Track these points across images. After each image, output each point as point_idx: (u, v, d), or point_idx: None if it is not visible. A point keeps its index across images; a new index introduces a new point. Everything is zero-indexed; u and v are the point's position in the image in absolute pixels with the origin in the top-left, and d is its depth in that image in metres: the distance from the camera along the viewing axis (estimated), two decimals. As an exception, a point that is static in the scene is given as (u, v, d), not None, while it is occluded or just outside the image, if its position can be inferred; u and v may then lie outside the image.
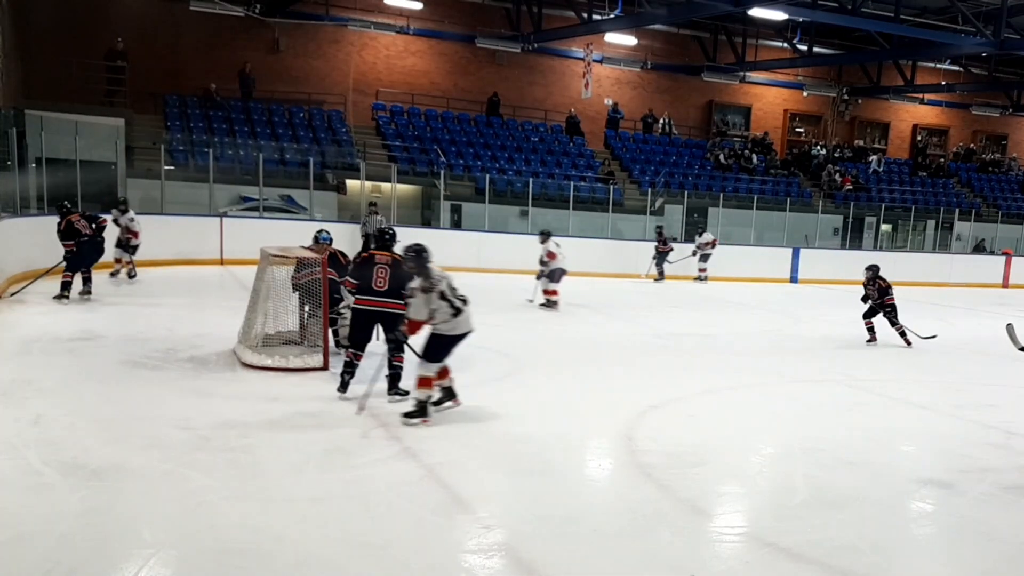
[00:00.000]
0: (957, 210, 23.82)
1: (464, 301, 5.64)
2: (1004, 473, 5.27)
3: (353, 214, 18.00)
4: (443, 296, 5.52)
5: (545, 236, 12.25)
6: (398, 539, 3.79)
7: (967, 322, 13.93)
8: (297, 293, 7.36)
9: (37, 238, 11.91)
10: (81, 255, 9.91)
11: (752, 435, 5.93)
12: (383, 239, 6.33)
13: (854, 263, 20.57)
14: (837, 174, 25.02)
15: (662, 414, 6.32)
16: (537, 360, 8.11)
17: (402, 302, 5.85)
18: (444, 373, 5.83)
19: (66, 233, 9.79)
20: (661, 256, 17.42)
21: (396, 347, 6.09)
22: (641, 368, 8.17)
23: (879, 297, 10.24)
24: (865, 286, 10.40)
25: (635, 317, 11.99)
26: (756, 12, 17.87)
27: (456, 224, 19.03)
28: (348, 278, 6.32)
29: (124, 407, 5.61)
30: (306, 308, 7.41)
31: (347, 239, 14.69)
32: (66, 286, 9.71)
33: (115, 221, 11.61)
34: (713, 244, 17.89)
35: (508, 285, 14.89)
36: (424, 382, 5.61)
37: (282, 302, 7.44)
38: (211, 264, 14.62)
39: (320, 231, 8.24)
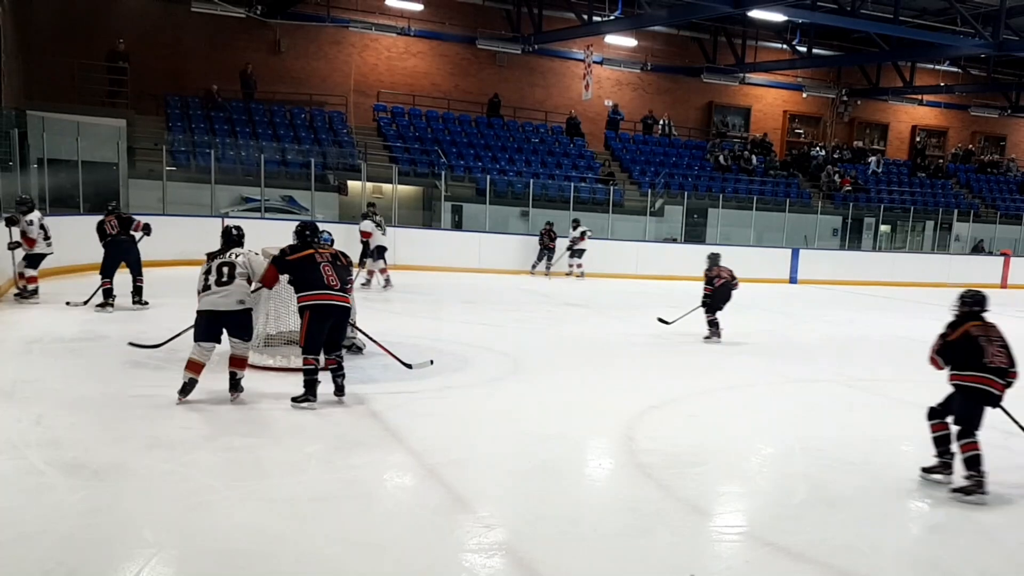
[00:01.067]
0: (956, 211, 23.85)
1: (220, 283, 5.69)
2: (1004, 473, 5.27)
3: (353, 214, 18.02)
4: (204, 271, 5.77)
5: (363, 215, 13.23)
6: (398, 539, 3.80)
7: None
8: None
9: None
10: (108, 256, 9.74)
11: (752, 435, 5.94)
12: (306, 236, 6.08)
13: (853, 264, 20.78)
14: (836, 175, 25.03)
15: (662, 414, 6.33)
16: (537, 360, 8.12)
17: (348, 296, 5.93)
18: (236, 362, 5.85)
19: (99, 235, 9.77)
20: (549, 252, 17.06)
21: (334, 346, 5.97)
22: (641, 368, 8.18)
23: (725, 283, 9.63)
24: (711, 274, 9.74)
25: (635, 317, 12.00)
26: (756, 14, 17.92)
27: (457, 225, 19.06)
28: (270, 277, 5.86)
29: (125, 407, 5.62)
30: None
31: (350, 240, 14.68)
32: (107, 293, 9.51)
33: (8, 223, 9.87)
34: (583, 238, 17.15)
35: (508, 285, 14.93)
36: (188, 364, 5.70)
37: (284, 302, 7.44)
38: (212, 265, 14.63)
39: (321, 232, 8.24)
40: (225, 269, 5.75)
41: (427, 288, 12.95)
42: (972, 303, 5.07)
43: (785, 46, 23.74)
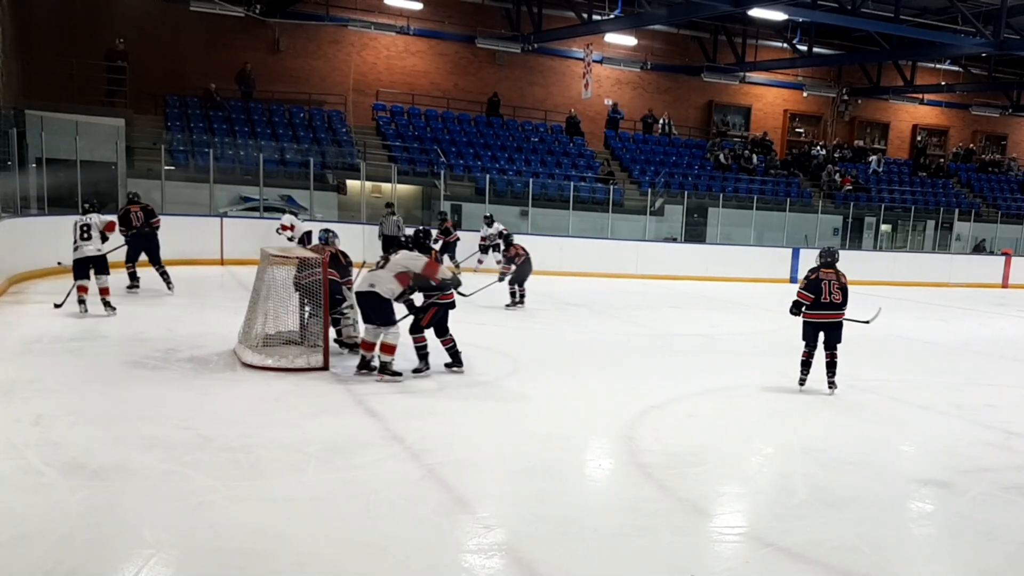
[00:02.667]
0: (957, 210, 23.83)
1: (372, 270, 6.93)
2: (1003, 473, 5.28)
3: (353, 214, 18.01)
4: None
5: (289, 212, 14.41)
6: (398, 539, 3.79)
7: (967, 322, 13.94)
8: (298, 293, 7.37)
9: (38, 238, 11.92)
10: (132, 248, 10.64)
11: (752, 435, 5.93)
12: (420, 241, 7.41)
13: (854, 264, 20.69)
14: (837, 174, 25.03)
15: (662, 414, 6.32)
16: (537, 360, 8.11)
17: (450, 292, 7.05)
18: (365, 345, 6.92)
19: (122, 219, 10.53)
20: (448, 247, 16.18)
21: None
22: (641, 368, 8.17)
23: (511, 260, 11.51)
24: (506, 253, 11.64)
25: (635, 317, 11.99)
26: (756, 12, 17.88)
27: (456, 224, 19.02)
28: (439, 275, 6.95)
29: (125, 407, 5.61)
30: (307, 308, 7.43)
31: (349, 239, 14.68)
32: (132, 276, 10.53)
33: None
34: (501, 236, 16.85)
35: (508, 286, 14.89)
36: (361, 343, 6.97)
37: (282, 302, 7.44)
38: (211, 264, 14.62)
39: (322, 231, 8.32)
40: (382, 260, 6.92)
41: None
42: (827, 255, 7.30)
43: (785, 45, 23.71)
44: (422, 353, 6.95)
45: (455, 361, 7.14)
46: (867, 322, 7.49)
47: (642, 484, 4.74)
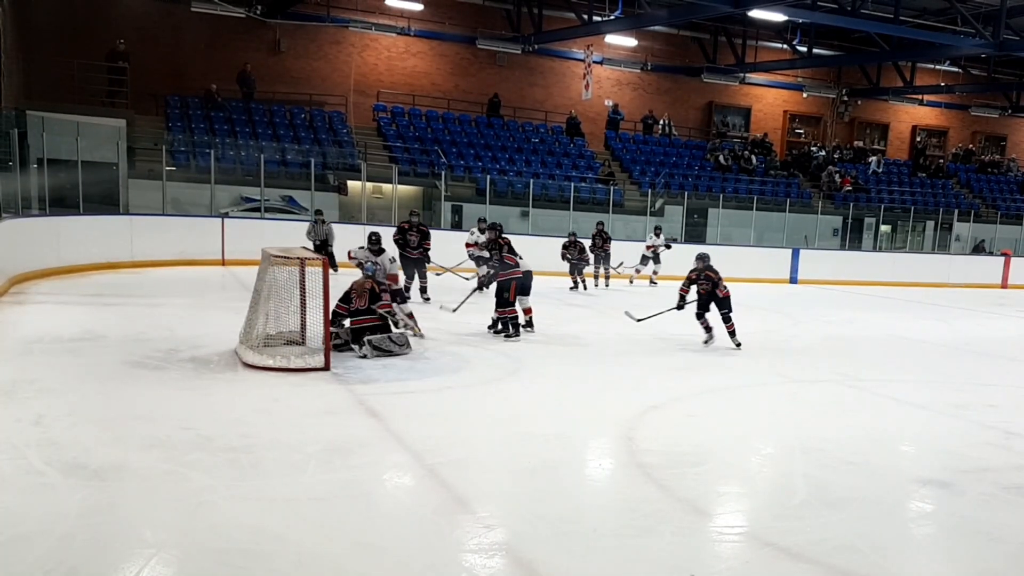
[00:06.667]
0: (956, 211, 23.84)
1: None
2: (1004, 473, 5.27)
3: (353, 214, 18.04)
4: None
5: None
6: (398, 539, 3.79)
7: (966, 322, 13.94)
8: (299, 294, 7.37)
9: (38, 238, 11.94)
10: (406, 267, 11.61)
11: (752, 435, 5.93)
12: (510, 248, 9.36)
13: (854, 264, 20.79)
14: (837, 175, 25.03)
15: (662, 414, 6.32)
16: (537, 360, 8.11)
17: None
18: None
19: (398, 244, 11.60)
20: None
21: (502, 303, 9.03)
22: (641, 368, 8.18)
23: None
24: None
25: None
26: (756, 13, 17.91)
27: (457, 225, 19.04)
28: (507, 259, 9.17)
29: (125, 407, 5.62)
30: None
31: (351, 239, 14.66)
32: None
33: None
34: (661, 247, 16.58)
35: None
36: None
37: (283, 302, 7.45)
38: (212, 265, 14.63)
39: (366, 262, 8.71)
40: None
41: (427, 288, 12.92)
42: (702, 258, 9.34)
43: (785, 46, 23.74)
44: (515, 323, 9.08)
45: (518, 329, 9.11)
46: (637, 320, 9.90)
47: (642, 484, 4.74)
